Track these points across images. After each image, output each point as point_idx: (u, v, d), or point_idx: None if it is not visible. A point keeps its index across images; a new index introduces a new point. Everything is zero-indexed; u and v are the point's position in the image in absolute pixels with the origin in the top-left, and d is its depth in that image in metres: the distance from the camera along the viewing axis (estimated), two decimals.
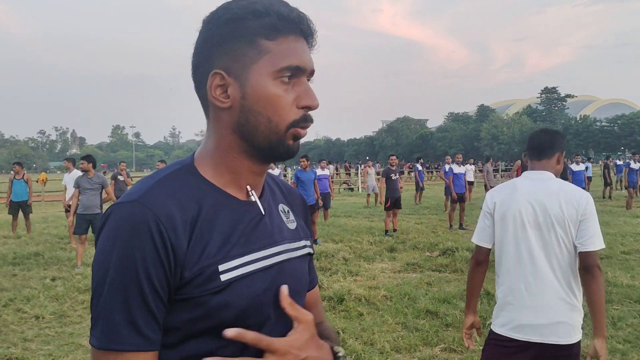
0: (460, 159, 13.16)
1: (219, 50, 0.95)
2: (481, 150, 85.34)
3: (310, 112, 0.97)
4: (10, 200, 12.37)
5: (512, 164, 44.13)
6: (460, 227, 12.19)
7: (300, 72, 0.95)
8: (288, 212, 1.11)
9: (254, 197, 1.01)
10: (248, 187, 1.01)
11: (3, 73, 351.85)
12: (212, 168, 0.99)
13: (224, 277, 0.90)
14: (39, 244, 10.67)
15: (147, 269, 0.85)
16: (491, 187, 18.20)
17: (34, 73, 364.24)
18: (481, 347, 2.78)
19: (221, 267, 0.90)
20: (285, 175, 28.27)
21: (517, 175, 13.65)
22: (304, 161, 10.88)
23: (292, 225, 1.09)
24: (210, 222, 0.93)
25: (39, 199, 20.59)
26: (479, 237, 2.69)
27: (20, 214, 12.45)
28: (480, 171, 25.20)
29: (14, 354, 4.59)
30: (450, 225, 12.19)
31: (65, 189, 11.17)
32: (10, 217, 12.69)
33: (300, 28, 0.96)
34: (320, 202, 11.62)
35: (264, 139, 0.95)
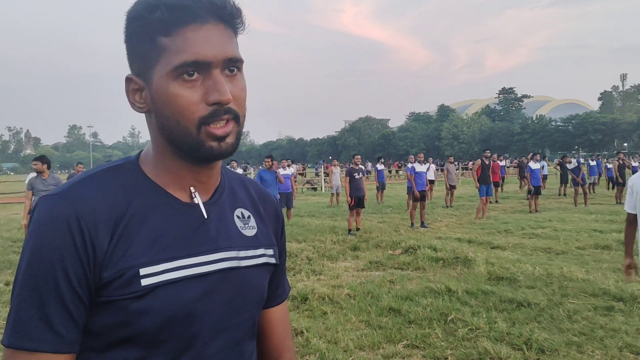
0: (422, 158, 13.30)
1: (130, 52, 0.90)
2: (442, 149, 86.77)
3: (231, 106, 0.87)
4: None
5: (467, 162, 45.00)
6: (422, 225, 12.34)
7: (204, 66, 0.84)
8: (248, 217, 1.02)
9: (197, 200, 0.94)
10: (191, 188, 0.94)
11: None
12: (153, 167, 0.93)
13: (145, 282, 0.84)
14: None
15: (64, 264, 0.81)
16: (451, 186, 18.48)
17: None
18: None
19: (143, 271, 0.84)
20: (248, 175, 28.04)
21: (478, 175, 13.98)
22: (268, 161, 10.81)
23: (249, 232, 1.01)
24: (139, 222, 0.87)
25: None
26: (626, 206, 3.82)
27: None
28: (441, 170, 25.55)
29: None
30: (412, 224, 12.32)
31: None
32: None
33: (201, 13, 0.84)
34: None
35: (182, 142, 0.88)
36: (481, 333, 4.80)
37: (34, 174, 10.35)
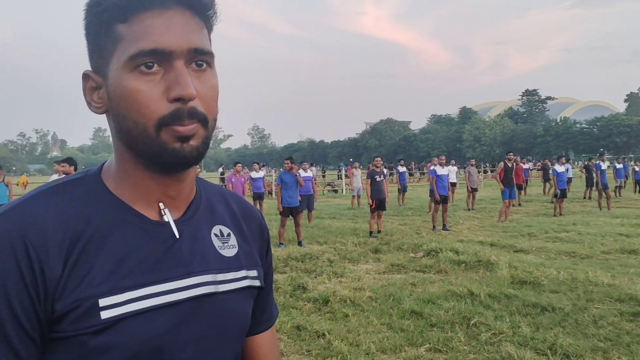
0: (444, 161, 13.21)
1: (88, 45, 0.79)
2: (463, 151, 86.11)
3: (196, 107, 0.75)
4: None
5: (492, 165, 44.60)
6: (444, 228, 12.27)
7: (165, 56, 0.74)
8: (228, 235, 0.91)
9: (167, 217, 0.82)
10: (161, 204, 0.82)
11: None
12: (116, 180, 0.82)
13: (105, 314, 0.72)
14: None
15: (8, 296, 0.68)
16: (473, 189, 18.28)
17: (12, 75, 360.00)
18: None
19: (103, 302, 0.72)
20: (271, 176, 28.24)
21: (501, 178, 13.83)
22: (288, 163, 10.86)
23: (228, 252, 0.89)
24: (99, 243, 0.75)
25: None
26: None
27: None
28: (463, 169, 25.30)
29: None
30: (434, 227, 12.25)
31: None
32: None
33: None
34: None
35: (143, 146, 0.76)
36: (504, 337, 4.76)
37: (56, 176, 10.58)
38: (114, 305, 0.73)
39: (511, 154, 14.54)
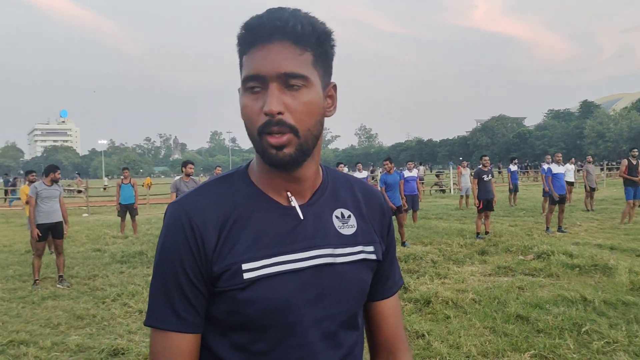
0: (560, 158, 12.45)
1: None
2: (584, 148, 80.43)
3: (284, 119, 0.93)
4: (119, 203, 13.41)
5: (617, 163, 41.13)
6: (559, 229, 11.60)
7: (262, 80, 0.94)
8: (348, 217, 1.10)
9: (293, 203, 1.04)
10: (288, 193, 1.05)
11: (115, 86, 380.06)
12: (256, 174, 1.06)
13: (247, 275, 0.96)
14: (143, 244, 11.42)
15: (181, 258, 0.97)
16: (591, 189, 16.99)
17: (141, 83, 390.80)
18: None
19: (245, 266, 0.97)
20: (373, 178, 28.33)
21: (625, 176, 12.78)
22: (387, 164, 10.87)
23: (347, 231, 1.08)
24: (242, 223, 1.00)
25: (144, 202, 22.03)
26: None
27: (128, 215, 13.45)
28: (579, 171, 23.67)
29: (120, 344, 5.00)
30: (547, 228, 11.63)
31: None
32: (119, 219, 13.80)
33: (266, 34, 0.94)
34: (405, 205, 11.39)
35: (255, 148, 0.99)
36: (619, 347, 4.46)
37: (177, 177, 11.40)
38: (252, 269, 0.97)
39: (635, 150, 13.42)
